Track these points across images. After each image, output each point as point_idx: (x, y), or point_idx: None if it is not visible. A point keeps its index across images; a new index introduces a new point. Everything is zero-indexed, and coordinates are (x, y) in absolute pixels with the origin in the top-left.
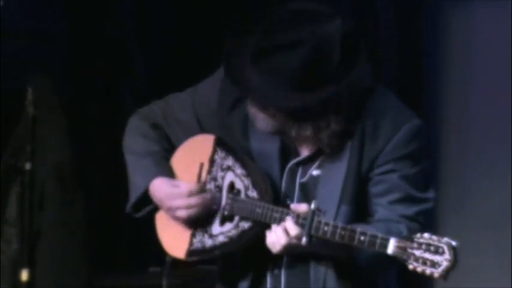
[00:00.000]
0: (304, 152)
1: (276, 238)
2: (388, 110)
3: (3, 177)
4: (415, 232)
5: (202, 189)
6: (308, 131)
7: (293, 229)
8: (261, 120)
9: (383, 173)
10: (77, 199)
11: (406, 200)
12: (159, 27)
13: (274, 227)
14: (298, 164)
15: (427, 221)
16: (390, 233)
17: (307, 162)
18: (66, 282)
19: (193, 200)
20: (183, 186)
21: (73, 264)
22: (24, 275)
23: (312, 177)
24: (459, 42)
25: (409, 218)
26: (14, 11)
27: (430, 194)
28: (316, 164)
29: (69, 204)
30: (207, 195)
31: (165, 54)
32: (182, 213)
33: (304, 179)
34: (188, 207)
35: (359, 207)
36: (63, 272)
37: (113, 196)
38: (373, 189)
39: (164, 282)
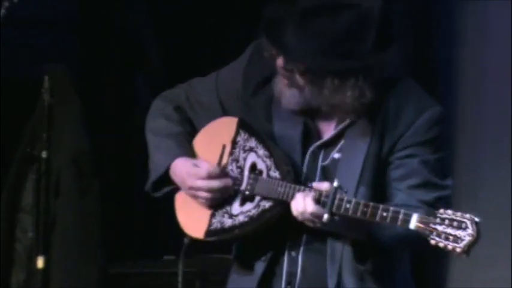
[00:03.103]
0: (327, 135)
1: (303, 206)
2: (411, 96)
3: (20, 165)
4: None
5: (223, 173)
6: (338, 99)
7: (311, 206)
8: (289, 97)
9: (403, 157)
10: (92, 187)
11: (425, 185)
12: (175, 16)
13: (298, 195)
14: (320, 147)
15: (445, 208)
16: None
17: (329, 145)
18: (81, 269)
19: (215, 184)
20: (204, 166)
21: (88, 252)
22: (40, 262)
23: (334, 160)
24: (474, 33)
25: (428, 204)
26: (30, 1)
27: (449, 182)
28: (338, 147)
29: (84, 192)
30: (228, 180)
31: (180, 42)
32: (203, 194)
33: (326, 162)
34: (209, 189)
35: (378, 191)
36: (79, 259)
37: (128, 184)
38: (393, 173)
39: (180, 266)
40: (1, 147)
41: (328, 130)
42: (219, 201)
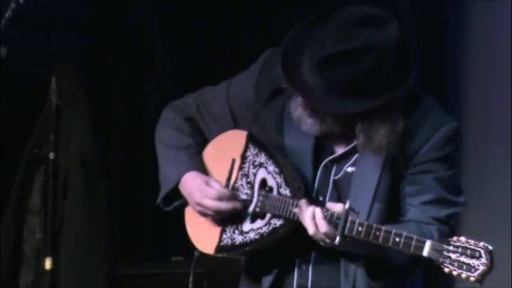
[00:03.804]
0: (339, 150)
1: (314, 228)
2: (428, 112)
3: (27, 166)
4: (445, 235)
5: (233, 195)
6: (372, 137)
7: (324, 226)
8: (310, 124)
9: (417, 173)
10: (100, 188)
11: (439, 202)
12: (183, 18)
13: (307, 218)
14: (332, 161)
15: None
16: (421, 235)
17: (342, 159)
18: (89, 270)
19: (223, 205)
20: (215, 187)
21: (96, 253)
22: (48, 264)
23: (347, 174)
24: (482, 34)
25: (440, 221)
26: (38, 1)
27: (462, 199)
28: (352, 161)
29: (92, 193)
30: (237, 203)
31: (188, 45)
32: (210, 213)
33: (338, 176)
34: (217, 211)
35: (391, 206)
36: (87, 260)
37: (136, 185)
38: (407, 189)
39: (191, 279)
40: (9, 148)
41: (341, 144)
42: (229, 217)
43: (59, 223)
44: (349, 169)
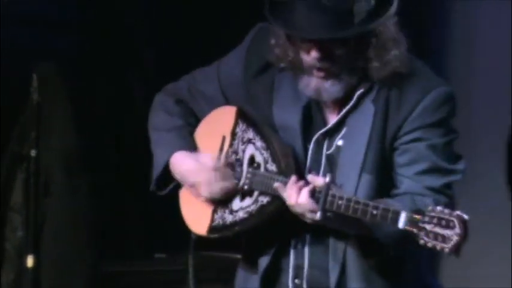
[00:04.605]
0: (332, 120)
1: (295, 198)
2: (416, 76)
3: (9, 164)
4: (443, 206)
5: (223, 164)
6: (378, 60)
7: (304, 197)
8: (329, 87)
9: (409, 142)
10: (82, 185)
11: (433, 171)
12: (170, 16)
13: (293, 186)
14: (324, 136)
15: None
16: (415, 207)
17: (333, 133)
18: (71, 268)
19: (214, 176)
20: (203, 160)
21: (79, 251)
22: (30, 262)
23: (338, 147)
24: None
25: (436, 191)
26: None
27: (460, 165)
28: (341, 133)
29: (74, 190)
30: (228, 171)
31: (175, 42)
32: (203, 188)
33: (331, 150)
34: (209, 183)
35: (384, 179)
36: (69, 258)
37: (119, 182)
38: (399, 159)
39: (190, 262)
40: None
41: (332, 117)
42: (220, 195)
43: (41, 221)
44: (340, 142)
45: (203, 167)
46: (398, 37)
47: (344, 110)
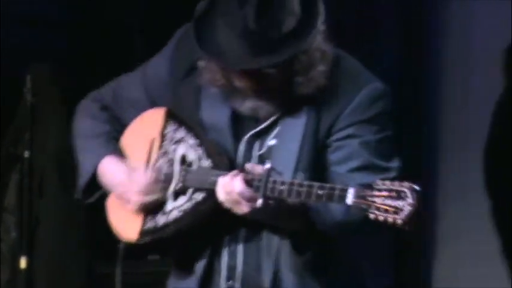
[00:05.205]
0: (262, 123)
1: (231, 186)
2: (348, 73)
3: (3, 165)
4: None
5: (152, 171)
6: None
7: (240, 186)
8: (265, 105)
9: (342, 139)
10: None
11: (367, 168)
12: (169, 17)
13: (228, 175)
14: (256, 136)
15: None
16: (347, 208)
17: (264, 134)
18: (65, 270)
19: (147, 198)
20: (131, 167)
21: (72, 252)
22: (23, 263)
23: (270, 148)
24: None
25: None
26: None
27: (394, 164)
28: (274, 133)
29: (68, 191)
30: (161, 193)
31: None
32: (133, 200)
33: (262, 151)
34: (138, 194)
35: (319, 177)
36: (62, 259)
37: None
38: (332, 156)
39: (118, 271)
40: None
41: (265, 115)
42: (152, 200)
43: (35, 222)
44: (271, 142)
45: (131, 177)
46: (325, 48)
47: (277, 115)
